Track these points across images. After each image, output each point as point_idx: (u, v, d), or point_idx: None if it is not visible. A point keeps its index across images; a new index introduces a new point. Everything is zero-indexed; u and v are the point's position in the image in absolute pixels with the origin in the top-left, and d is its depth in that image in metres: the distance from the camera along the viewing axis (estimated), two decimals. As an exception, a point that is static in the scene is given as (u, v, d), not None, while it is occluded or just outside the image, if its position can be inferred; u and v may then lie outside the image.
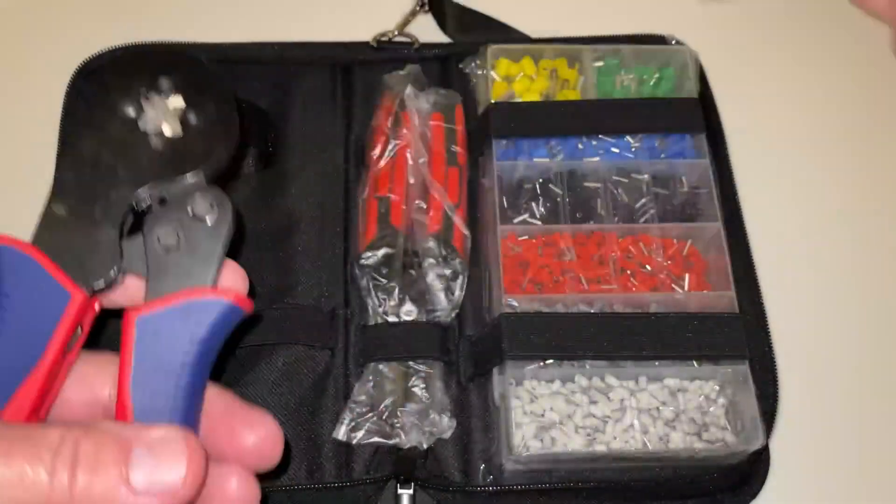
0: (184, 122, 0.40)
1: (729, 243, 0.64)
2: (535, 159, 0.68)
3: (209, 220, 0.38)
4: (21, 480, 0.29)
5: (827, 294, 0.68)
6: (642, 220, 0.66)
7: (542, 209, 0.67)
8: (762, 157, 0.74)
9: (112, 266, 0.37)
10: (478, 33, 0.77)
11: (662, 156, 0.69)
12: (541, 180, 0.68)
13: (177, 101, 0.40)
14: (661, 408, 0.59)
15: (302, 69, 0.74)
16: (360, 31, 0.75)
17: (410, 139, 0.68)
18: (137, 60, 0.41)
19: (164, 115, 0.40)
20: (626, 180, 0.68)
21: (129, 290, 0.39)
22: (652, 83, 0.72)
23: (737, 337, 0.60)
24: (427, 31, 0.78)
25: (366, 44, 0.75)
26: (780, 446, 0.60)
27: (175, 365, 0.35)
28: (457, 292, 0.64)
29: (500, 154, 0.67)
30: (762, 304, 0.64)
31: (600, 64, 0.73)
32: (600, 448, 0.57)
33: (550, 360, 0.59)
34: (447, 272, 0.64)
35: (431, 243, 0.64)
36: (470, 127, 0.71)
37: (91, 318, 0.38)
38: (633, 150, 0.69)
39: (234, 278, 0.39)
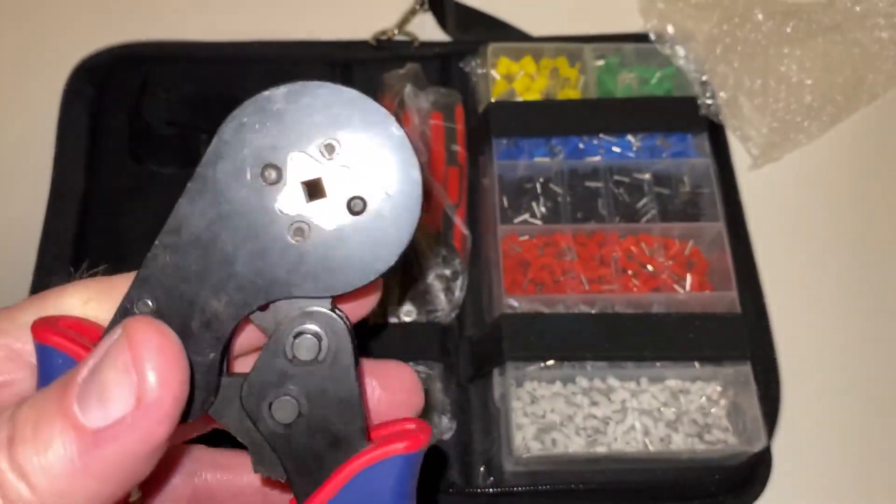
0: (348, 206, 0.27)
1: (731, 243, 0.63)
2: (536, 159, 0.68)
3: (321, 356, 0.28)
4: None
5: (830, 294, 0.68)
6: (644, 219, 0.66)
7: (543, 209, 0.66)
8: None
9: (201, 402, 0.28)
10: (478, 32, 0.77)
11: (664, 155, 0.68)
12: (541, 180, 0.68)
13: (337, 178, 0.27)
14: (662, 409, 0.59)
15: (300, 68, 0.74)
16: (360, 29, 0.75)
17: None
18: (306, 96, 0.27)
19: (319, 194, 0.27)
20: (627, 180, 0.67)
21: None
22: (654, 82, 0.72)
23: (738, 337, 0.59)
24: (427, 29, 0.77)
25: (365, 42, 0.75)
26: (783, 448, 0.60)
27: None
28: (457, 292, 0.63)
29: (500, 153, 0.67)
30: (764, 304, 0.64)
31: (601, 62, 0.73)
32: (601, 450, 0.57)
33: (551, 361, 0.59)
34: (447, 272, 0.64)
35: (431, 243, 0.64)
36: (470, 126, 0.70)
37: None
38: (635, 149, 0.68)
39: (400, 393, 0.30)
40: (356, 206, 0.27)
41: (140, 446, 0.23)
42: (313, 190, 0.27)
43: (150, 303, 0.27)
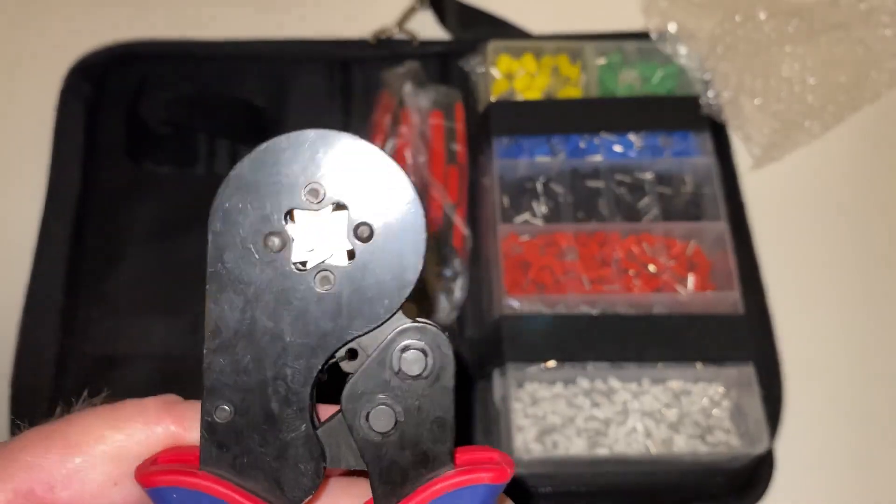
0: (357, 237, 0.28)
1: (733, 243, 0.63)
2: (537, 158, 0.67)
3: (425, 373, 0.29)
4: None
5: (833, 294, 0.67)
6: (645, 219, 0.65)
7: (544, 208, 0.66)
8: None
9: (315, 471, 0.29)
10: (478, 29, 0.76)
11: (666, 154, 0.68)
12: (542, 179, 0.67)
13: (335, 216, 0.28)
14: (664, 410, 0.58)
15: (299, 66, 0.73)
16: (359, 27, 0.74)
17: (409, 137, 0.67)
18: (270, 157, 0.28)
19: (326, 237, 0.28)
20: (628, 179, 0.67)
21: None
22: (655, 81, 0.72)
23: (741, 338, 0.59)
24: (427, 27, 0.77)
25: (364, 41, 0.74)
26: (785, 449, 0.60)
27: None
28: (457, 293, 0.63)
29: (500, 152, 0.67)
30: (767, 304, 0.64)
31: (603, 61, 0.72)
32: (603, 451, 0.56)
33: (552, 362, 0.59)
34: (447, 272, 0.63)
35: (431, 243, 0.63)
36: (470, 125, 0.70)
37: None
38: (636, 148, 0.68)
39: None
40: (363, 232, 0.28)
41: None
42: (321, 235, 0.29)
43: (226, 407, 0.29)
